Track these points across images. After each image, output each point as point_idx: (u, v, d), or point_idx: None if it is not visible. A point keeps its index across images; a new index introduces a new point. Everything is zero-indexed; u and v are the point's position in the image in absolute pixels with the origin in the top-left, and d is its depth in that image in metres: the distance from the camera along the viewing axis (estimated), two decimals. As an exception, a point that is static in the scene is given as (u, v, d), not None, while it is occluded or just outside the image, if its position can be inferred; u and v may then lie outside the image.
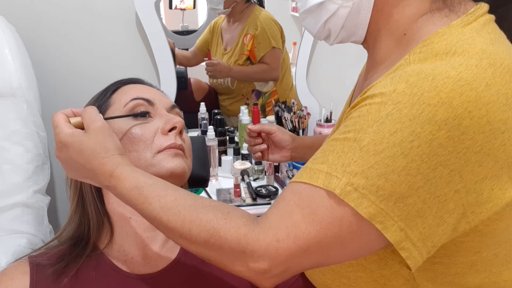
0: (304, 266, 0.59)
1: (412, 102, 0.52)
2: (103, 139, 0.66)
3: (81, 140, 0.65)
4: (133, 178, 0.63)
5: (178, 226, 0.59)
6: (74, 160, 0.66)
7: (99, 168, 0.64)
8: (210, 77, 1.94)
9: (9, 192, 1.24)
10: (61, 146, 0.66)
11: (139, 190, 0.62)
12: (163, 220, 0.60)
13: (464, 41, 0.56)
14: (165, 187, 0.63)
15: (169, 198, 0.61)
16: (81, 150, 0.65)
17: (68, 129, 0.67)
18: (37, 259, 0.79)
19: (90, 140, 0.65)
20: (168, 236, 0.63)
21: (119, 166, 0.64)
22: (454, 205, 0.54)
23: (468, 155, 0.52)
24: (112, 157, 0.65)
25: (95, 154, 0.64)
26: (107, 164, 0.64)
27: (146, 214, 0.62)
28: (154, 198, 0.61)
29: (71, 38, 1.66)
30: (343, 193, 0.53)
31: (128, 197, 0.63)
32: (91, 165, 0.64)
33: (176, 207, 0.60)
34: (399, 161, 0.52)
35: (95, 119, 0.67)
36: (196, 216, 0.58)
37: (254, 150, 1.08)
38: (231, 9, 1.84)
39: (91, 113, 0.68)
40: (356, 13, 0.64)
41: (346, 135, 0.56)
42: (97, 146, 0.65)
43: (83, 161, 0.65)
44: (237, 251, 0.56)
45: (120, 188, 0.63)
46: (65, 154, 0.67)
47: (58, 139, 0.66)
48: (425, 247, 0.55)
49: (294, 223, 0.55)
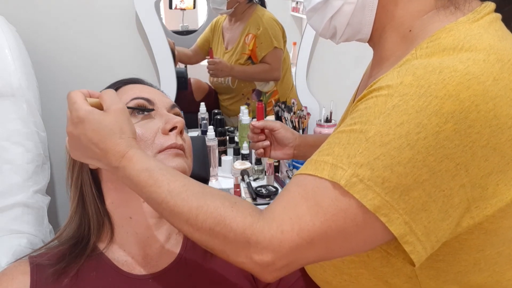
0: (308, 259, 0.58)
1: (419, 94, 0.52)
2: (122, 121, 0.66)
3: (100, 119, 0.65)
4: (144, 161, 0.63)
5: (185, 211, 0.59)
6: (88, 138, 0.65)
7: (113, 148, 0.64)
8: (211, 75, 1.94)
9: (9, 192, 1.23)
10: (78, 121, 0.66)
11: (150, 173, 0.62)
12: (170, 204, 0.60)
13: (472, 37, 0.56)
14: (175, 173, 0.63)
15: (178, 183, 0.61)
16: (98, 128, 0.65)
17: (87, 106, 0.66)
18: (38, 259, 0.79)
19: (109, 119, 0.65)
20: (173, 222, 0.62)
21: (132, 148, 0.65)
22: (459, 200, 0.54)
23: (474, 149, 0.52)
24: (127, 139, 0.65)
25: (112, 134, 0.64)
26: (121, 144, 0.64)
27: (153, 198, 0.61)
28: (164, 181, 0.61)
29: (71, 38, 1.66)
30: (348, 184, 0.53)
31: (137, 179, 0.62)
32: (104, 144, 0.64)
33: (185, 192, 0.60)
34: (405, 152, 0.51)
35: (116, 101, 0.68)
36: (204, 202, 0.58)
37: (256, 147, 1.08)
38: (233, 9, 1.84)
39: (112, 95, 0.69)
40: (361, 10, 0.65)
41: (352, 127, 0.56)
42: (115, 126, 0.65)
43: (97, 140, 0.65)
44: (241, 241, 0.56)
45: (130, 169, 0.63)
46: (80, 130, 0.66)
47: (76, 115, 0.66)
48: (429, 242, 0.55)
49: (298, 215, 0.55)
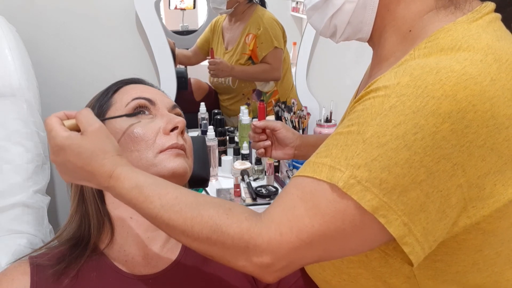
0: (307, 260, 0.58)
1: (416, 94, 0.52)
2: (101, 141, 0.65)
3: (79, 143, 0.64)
4: (132, 178, 0.62)
5: (180, 223, 0.59)
6: (72, 163, 0.64)
7: (98, 169, 0.63)
8: (212, 75, 1.94)
9: (9, 192, 1.23)
10: (58, 149, 0.65)
11: (139, 189, 0.61)
12: (164, 218, 0.60)
13: (469, 37, 0.56)
14: (165, 185, 0.63)
15: (170, 196, 0.60)
16: (79, 152, 0.63)
17: (64, 132, 0.65)
18: (38, 259, 0.79)
19: (88, 142, 0.64)
20: (170, 235, 0.62)
21: (118, 166, 0.63)
22: (456, 200, 0.54)
23: (472, 149, 0.52)
24: (111, 158, 0.64)
25: (94, 156, 0.63)
26: (106, 165, 0.63)
27: (147, 213, 0.61)
28: (155, 196, 0.60)
29: (71, 38, 1.66)
30: (346, 186, 0.53)
31: (128, 197, 0.62)
32: (90, 167, 0.63)
33: (178, 204, 0.60)
34: (402, 153, 0.51)
35: (92, 121, 0.66)
36: (198, 213, 0.58)
37: (258, 146, 1.08)
38: (233, 9, 1.84)
39: (87, 115, 0.67)
40: (362, 9, 0.64)
41: (349, 129, 0.56)
42: (95, 148, 0.64)
43: (82, 164, 0.64)
44: (239, 246, 0.56)
45: (120, 188, 0.62)
46: (62, 158, 0.65)
47: (54, 143, 0.65)
48: (427, 242, 0.55)
49: (297, 217, 0.55)
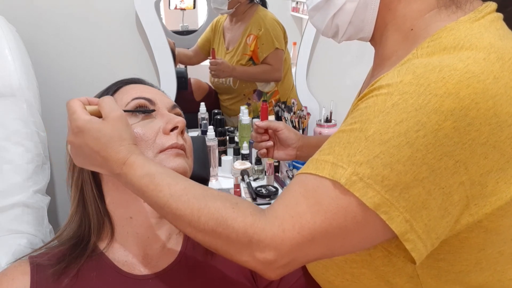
0: (309, 257, 0.59)
1: (418, 92, 0.52)
2: (121, 128, 0.67)
3: (99, 127, 0.66)
4: (145, 166, 0.64)
5: (187, 213, 0.60)
6: (89, 147, 0.66)
7: (114, 155, 0.65)
8: (213, 76, 1.94)
9: (9, 192, 1.23)
10: (78, 131, 0.67)
11: (150, 178, 0.63)
12: (172, 207, 0.61)
13: (472, 36, 0.56)
14: (175, 176, 0.64)
15: (179, 186, 0.62)
16: (98, 137, 0.66)
17: (86, 115, 0.67)
18: (38, 259, 0.79)
19: (108, 128, 0.66)
20: (176, 225, 0.63)
21: (133, 154, 0.66)
22: (458, 197, 0.54)
23: (474, 147, 0.52)
24: (127, 145, 0.66)
25: (112, 142, 0.65)
26: (122, 151, 0.65)
27: (155, 202, 0.62)
28: (165, 185, 0.62)
29: (71, 38, 1.66)
30: (349, 182, 0.53)
31: (138, 184, 0.63)
32: (105, 152, 0.65)
33: (186, 195, 0.61)
34: (404, 150, 0.52)
35: (114, 108, 0.69)
36: (205, 204, 0.59)
37: (259, 147, 1.08)
38: (234, 9, 1.83)
39: (110, 102, 0.70)
40: (364, 8, 0.65)
41: (352, 126, 0.57)
42: (114, 134, 0.66)
43: (98, 148, 0.66)
44: (243, 240, 0.57)
45: (132, 176, 0.64)
46: (80, 140, 0.67)
47: (76, 125, 0.67)
48: (429, 239, 0.55)
49: (299, 213, 0.55)
